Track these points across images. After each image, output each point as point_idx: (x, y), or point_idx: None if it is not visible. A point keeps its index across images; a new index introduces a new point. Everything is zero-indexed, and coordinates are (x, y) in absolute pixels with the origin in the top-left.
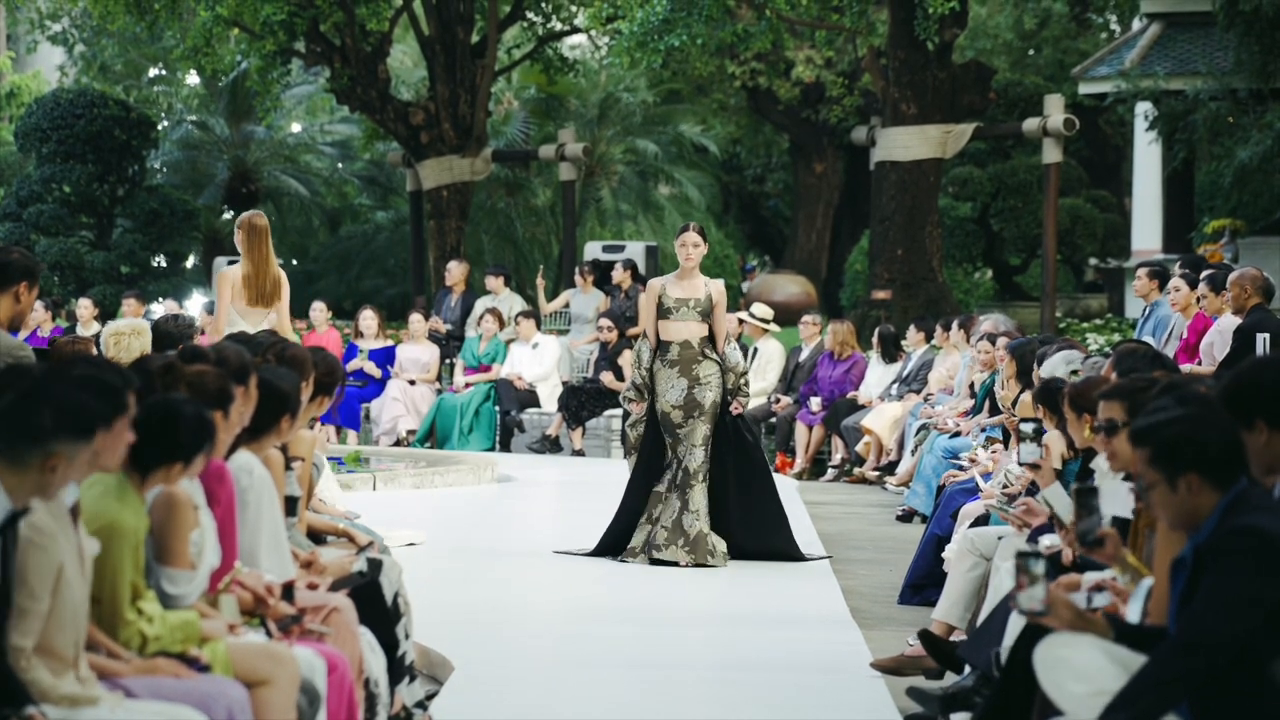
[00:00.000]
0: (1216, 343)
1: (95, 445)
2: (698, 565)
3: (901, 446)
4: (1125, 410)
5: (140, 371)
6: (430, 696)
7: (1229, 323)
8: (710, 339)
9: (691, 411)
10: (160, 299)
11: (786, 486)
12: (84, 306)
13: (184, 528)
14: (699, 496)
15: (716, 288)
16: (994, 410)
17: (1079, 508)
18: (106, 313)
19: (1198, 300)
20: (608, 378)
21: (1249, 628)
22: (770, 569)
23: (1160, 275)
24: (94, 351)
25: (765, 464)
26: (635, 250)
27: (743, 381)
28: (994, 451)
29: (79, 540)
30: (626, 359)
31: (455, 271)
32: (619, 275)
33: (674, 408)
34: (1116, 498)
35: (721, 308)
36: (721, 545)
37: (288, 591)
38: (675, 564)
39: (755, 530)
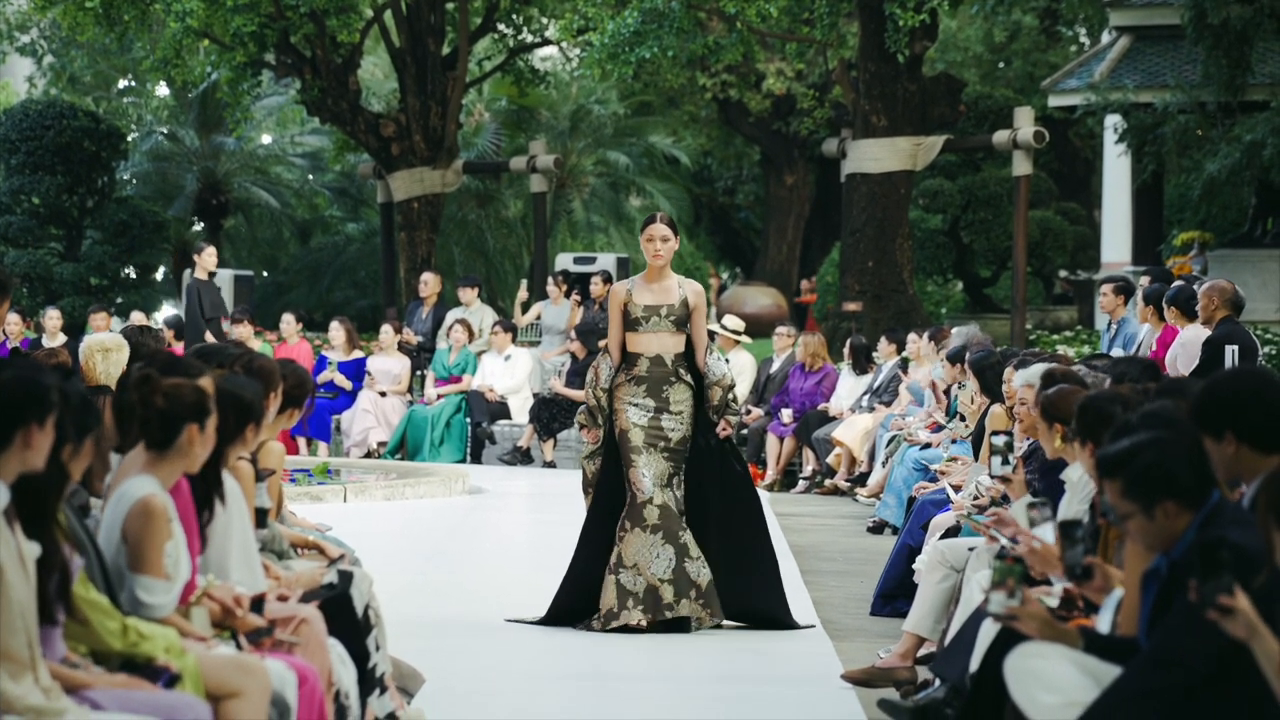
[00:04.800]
0: (1180, 355)
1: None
2: (717, 626)
3: (872, 458)
4: None
5: (124, 388)
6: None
7: (1192, 335)
8: (687, 353)
9: (653, 441)
10: (130, 310)
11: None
12: (51, 318)
13: (160, 537)
14: (690, 539)
15: (693, 289)
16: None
17: (1063, 539)
18: (75, 324)
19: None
20: (556, 383)
21: (1222, 643)
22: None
23: (1125, 290)
24: (70, 363)
25: (757, 502)
26: (606, 262)
27: (730, 398)
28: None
29: (17, 541)
30: None
31: (432, 283)
32: (596, 289)
33: (635, 426)
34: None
35: (701, 312)
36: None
37: (257, 604)
38: (688, 620)
39: (741, 585)
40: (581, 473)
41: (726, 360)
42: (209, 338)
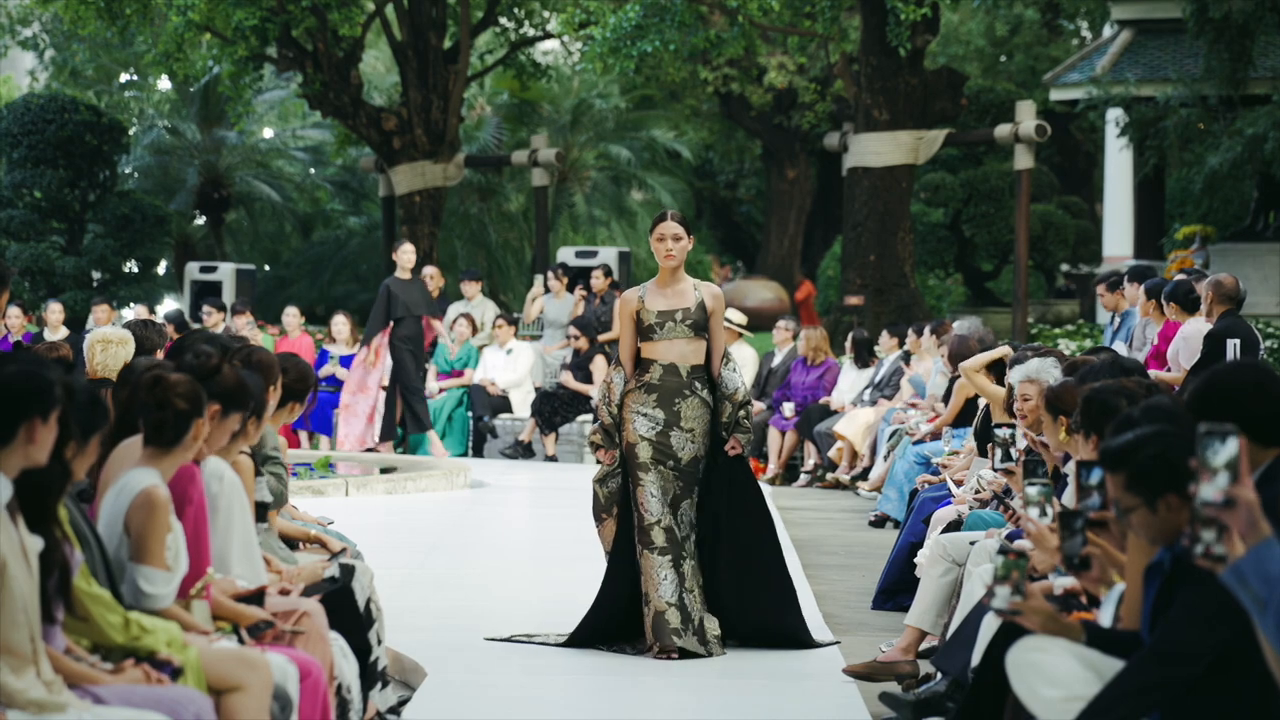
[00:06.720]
0: (1182, 349)
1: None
2: (663, 653)
3: (874, 452)
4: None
5: (125, 382)
6: (403, 702)
7: (1193, 329)
8: (705, 366)
9: (662, 459)
10: (131, 304)
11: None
12: (53, 311)
13: (162, 529)
14: (690, 569)
15: (711, 292)
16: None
17: (1062, 530)
18: (76, 318)
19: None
20: (566, 377)
21: (1224, 637)
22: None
23: (1120, 286)
24: (71, 357)
25: (770, 523)
26: (608, 255)
27: (742, 414)
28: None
29: (20, 536)
30: (599, 365)
31: (437, 277)
32: (598, 283)
33: (642, 439)
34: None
35: (719, 318)
36: (714, 628)
37: (258, 597)
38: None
39: (755, 606)
40: (593, 497)
41: (729, 354)
42: (384, 338)
